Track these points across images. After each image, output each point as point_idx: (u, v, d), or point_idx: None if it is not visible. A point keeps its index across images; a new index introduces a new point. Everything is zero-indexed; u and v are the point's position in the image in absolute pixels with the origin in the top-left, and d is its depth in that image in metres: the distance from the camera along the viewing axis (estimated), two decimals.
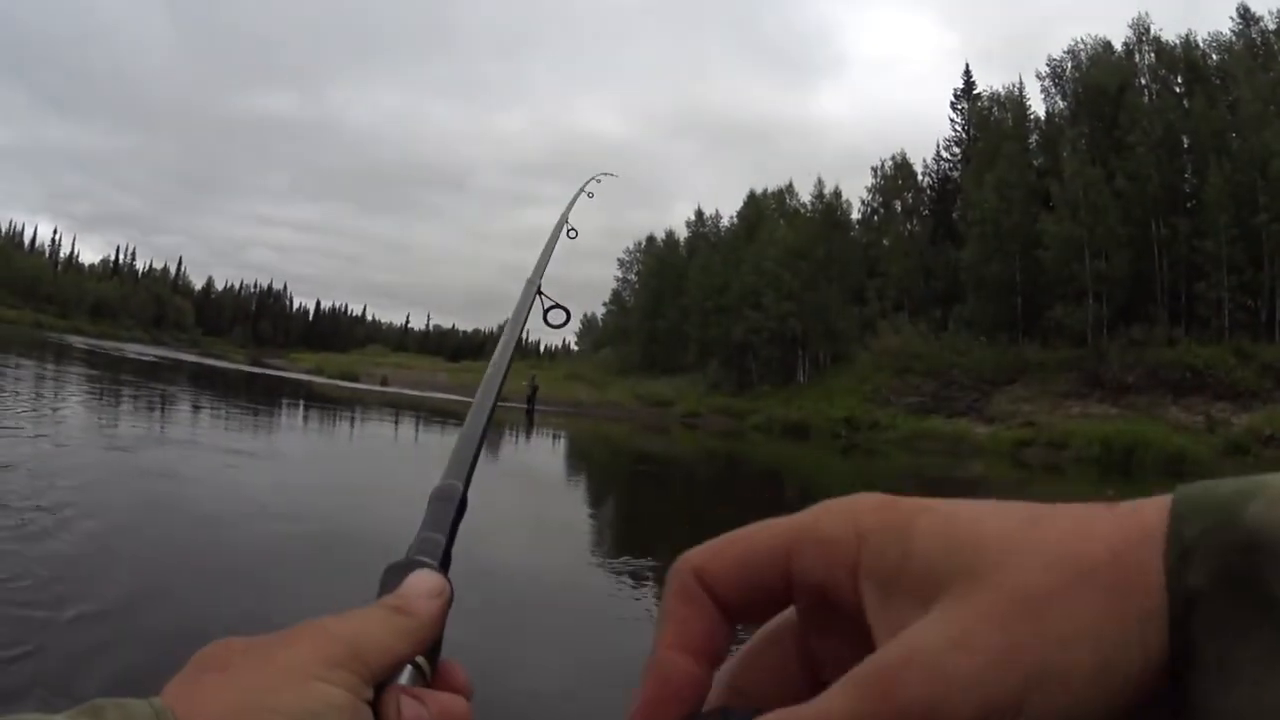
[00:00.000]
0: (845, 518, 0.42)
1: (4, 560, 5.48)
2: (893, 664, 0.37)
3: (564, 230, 2.17)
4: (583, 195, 2.63)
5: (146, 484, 9.02)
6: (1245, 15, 47.14)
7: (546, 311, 1.43)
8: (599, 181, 2.77)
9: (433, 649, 0.58)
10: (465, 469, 0.80)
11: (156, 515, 7.66)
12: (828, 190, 64.12)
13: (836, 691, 0.38)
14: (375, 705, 0.52)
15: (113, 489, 8.45)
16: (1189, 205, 44.69)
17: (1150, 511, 0.36)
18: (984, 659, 0.35)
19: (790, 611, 0.45)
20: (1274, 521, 0.33)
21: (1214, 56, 48.15)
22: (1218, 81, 46.51)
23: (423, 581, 0.59)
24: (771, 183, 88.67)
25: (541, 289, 1.47)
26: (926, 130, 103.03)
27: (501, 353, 1.18)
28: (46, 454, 9.49)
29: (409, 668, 0.55)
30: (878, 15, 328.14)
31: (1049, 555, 0.36)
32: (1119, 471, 28.59)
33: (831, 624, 0.43)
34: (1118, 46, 51.84)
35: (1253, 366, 36.13)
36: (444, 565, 0.65)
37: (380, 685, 0.52)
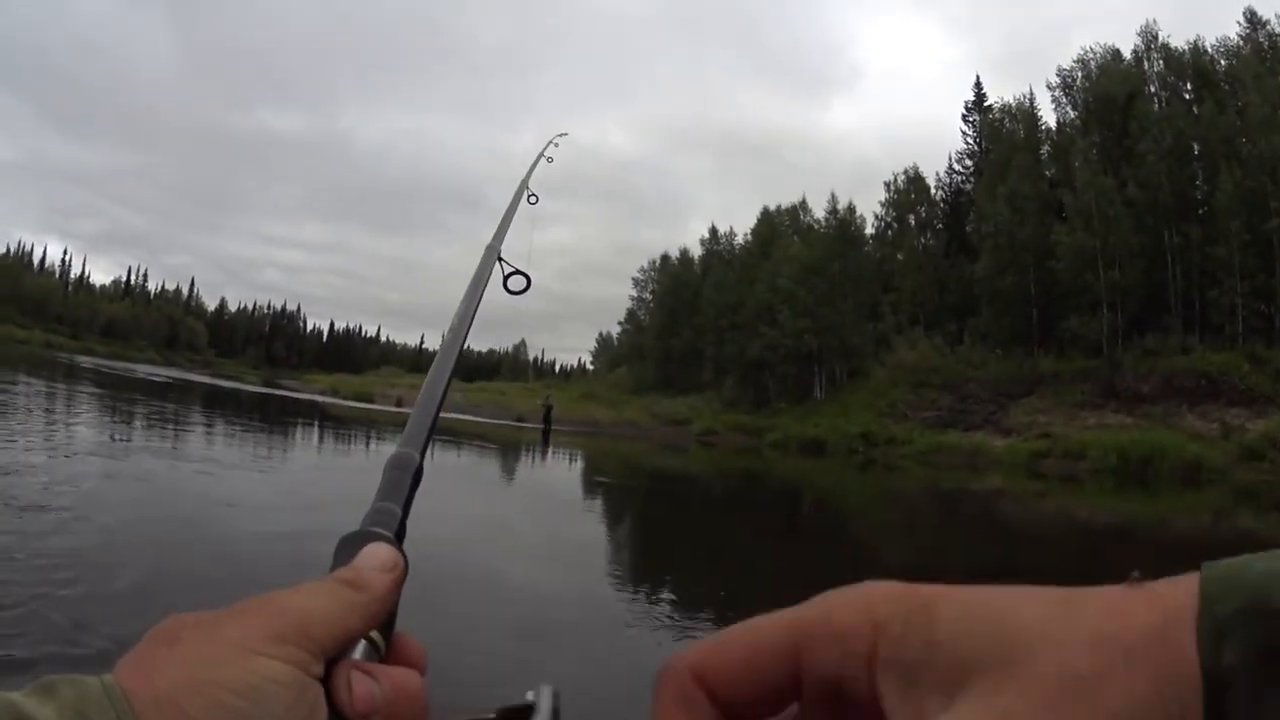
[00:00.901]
0: (859, 608, 0.40)
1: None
2: None
3: (525, 195, 2.22)
4: (543, 160, 2.69)
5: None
6: (1252, 19, 47.07)
7: (506, 278, 1.47)
8: (557, 145, 2.84)
9: (387, 623, 0.57)
10: (422, 437, 0.78)
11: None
12: (841, 205, 64.13)
13: None
14: (327, 680, 0.51)
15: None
16: (1200, 212, 44.53)
17: (1180, 592, 0.36)
18: None
19: (792, 709, 0.43)
20: None
21: (1222, 62, 48.04)
22: (1226, 86, 46.40)
23: (376, 554, 0.58)
24: (785, 199, 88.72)
25: (502, 255, 1.49)
26: (939, 142, 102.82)
27: (460, 321, 1.19)
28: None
29: (363, 643, 0.54)
30: (889, 27, 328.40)
31: (1092, 636, 0.35)
32: (1136, 481, 28.51)
33: None
34: (1127, 54, 51.90)
35: (1267, 372, 35.92)
36: (399, 537, 0.63)
37: (333, 660, 0.52)
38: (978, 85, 63.93)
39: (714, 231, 78.95)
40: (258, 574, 6.65)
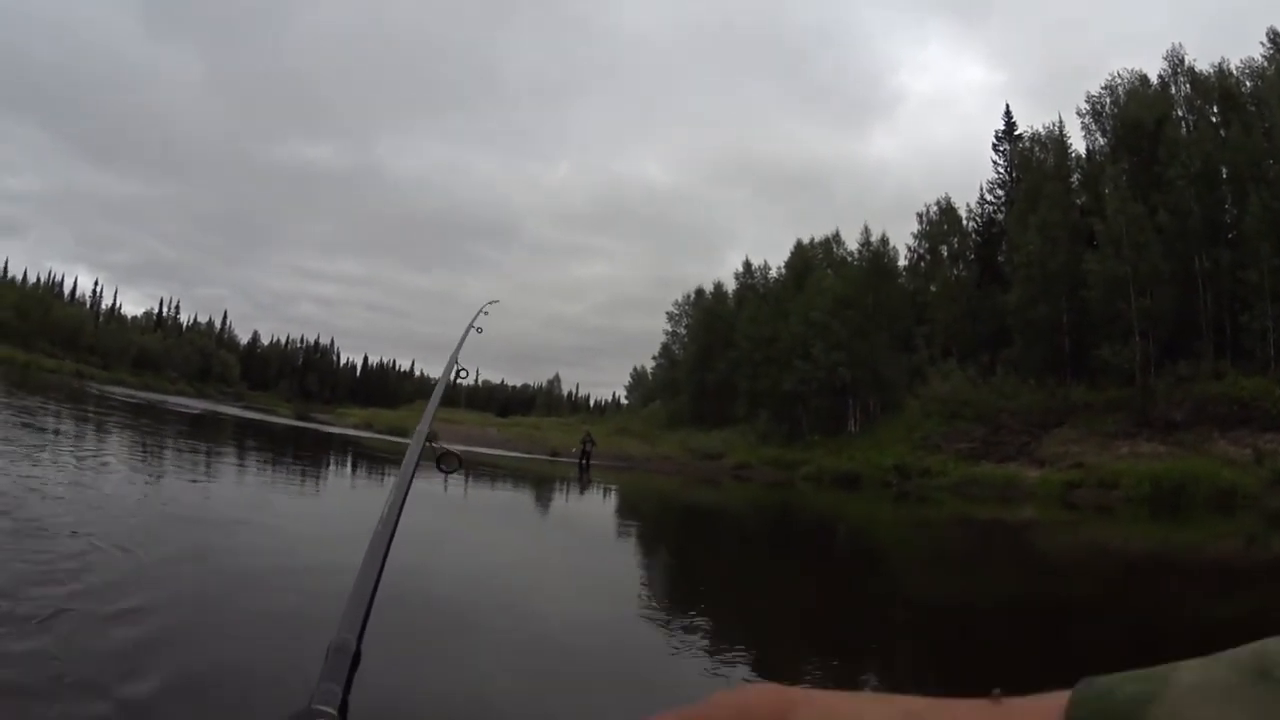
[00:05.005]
0: (734, 708, 0.48)
1: None
2: None
3: (454, 371, 2.32)
4: (473, 330, 2.74)
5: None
6: (1275, 39, 46.65)
7: (439, 458, 1.59)
8: (486, 314, 2.96)
9: None
10: (359, 621, 0.91)
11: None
12: (874, 238, 63.92)
13: None
14: None
15: None
16: (1230, 236, 44.27)
17: (1045, 711, 0.37)
18: None
19: None
20: None
21: (1247, 83, 47.83)
22: (1252, 108, 46.13)
23: None
24: (818, 230, 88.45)
25: (431, 437, 1.61)
26: (972, 172, 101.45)
27: (390, 510, 1.27)
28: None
29: None
30: (927, 58, 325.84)
31: None
32: (1169, 510, 28.51)
33: None
34: (1154, 79, 51.84)
35: None
36: (341, 713, 0.72)
37: None
38: (1008, 114, 63.89)
39: (748, 265, 78.63)
40: None
